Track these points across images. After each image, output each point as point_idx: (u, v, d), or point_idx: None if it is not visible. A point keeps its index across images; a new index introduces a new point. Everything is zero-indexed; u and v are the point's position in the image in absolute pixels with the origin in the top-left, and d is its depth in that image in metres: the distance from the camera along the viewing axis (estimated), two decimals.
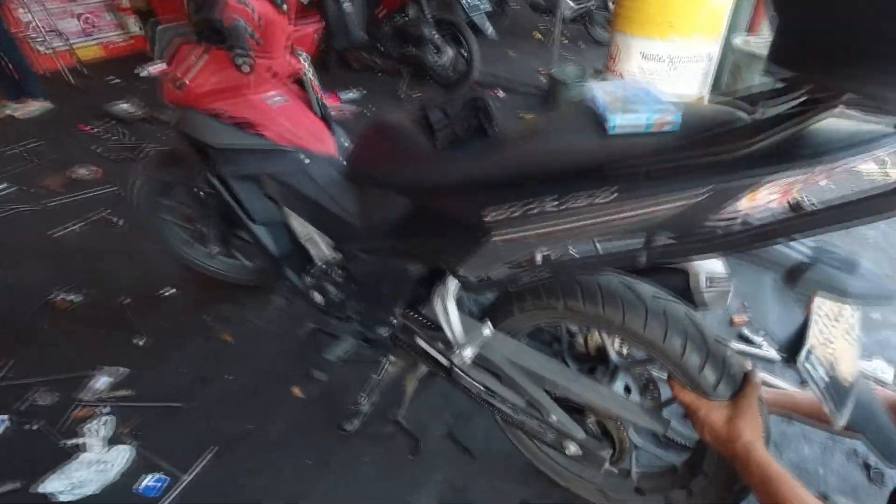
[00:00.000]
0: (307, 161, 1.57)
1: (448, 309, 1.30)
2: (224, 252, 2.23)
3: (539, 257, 1.17)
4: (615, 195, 0.90)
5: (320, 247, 1.70)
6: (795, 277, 0.92)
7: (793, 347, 0.95)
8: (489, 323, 1.24)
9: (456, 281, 1.30)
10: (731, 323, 2.30)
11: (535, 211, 0.98)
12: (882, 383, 2.03)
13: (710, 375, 1.11)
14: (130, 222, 2.94)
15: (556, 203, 0.95)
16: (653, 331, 1.13)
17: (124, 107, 4.01)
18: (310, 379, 2.05)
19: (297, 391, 2.01)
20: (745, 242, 0.88)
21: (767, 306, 0.97)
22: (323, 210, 1.53)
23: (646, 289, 1.18)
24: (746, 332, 2.24)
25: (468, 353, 1.30)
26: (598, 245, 1.21)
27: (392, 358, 1.69)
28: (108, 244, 2.81)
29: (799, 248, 0.91)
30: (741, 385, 1.11)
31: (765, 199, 0.87)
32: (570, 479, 1.61)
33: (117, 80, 4.91)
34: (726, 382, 1.11)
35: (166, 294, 2.46)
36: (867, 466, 1.73)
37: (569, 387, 1.25)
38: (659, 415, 1.22)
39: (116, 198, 3.18)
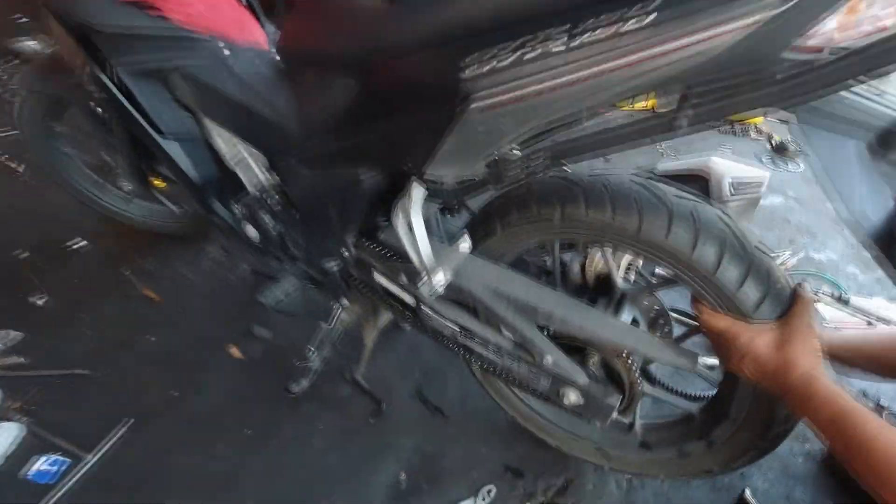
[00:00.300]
0: (227, 52, 1.21)
1: (413, 225, 1.00)
2: (142, 193, 1.84)
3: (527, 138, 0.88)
4: (654, 15, 0.61)
5: (252, 169, 1.36)
6: (892, 142, 0.67)
7: (886, 238, 0.70)
8: (467, 236, 0.95)
9: (421, 189, 1.00)
10: None
11: (534, 54, 0.68)
12: (886, 321, 1.87)
13: (751, 291, 0.86)
14: (34, 168, 2.48)
15: (566, 37, 0.66)
16: (678, 238, 0.87)
17: (31, 44, 3.44)
18: (250, 337, 1.73)
19: (234, 351, 1.69)
20: (833, 81, 0.62)
21: (850, 184, 0.71)
22: (250, 115, 1.18)
23: (665, 188, 0.91)
24: None
25: (440, 279, 1.00)
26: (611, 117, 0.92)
27: (345, 302, 1.39)
28: (7, 193, 2.36)
29: None
30: (790, 302, 0.86)
31: (872, 14, 0.59)
32: (561, 437, 1.36)
33: (24, 19, 4.27)
34: (772, 299, 0.86)
35: (75, 246, 2.06)
36: None
37: (569, 319, 0.99)
38: (683, 348, 0.96)
39: (19, 142, 2.69)
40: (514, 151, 0.88)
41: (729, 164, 1.02)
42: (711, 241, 0.86)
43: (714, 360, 1.34)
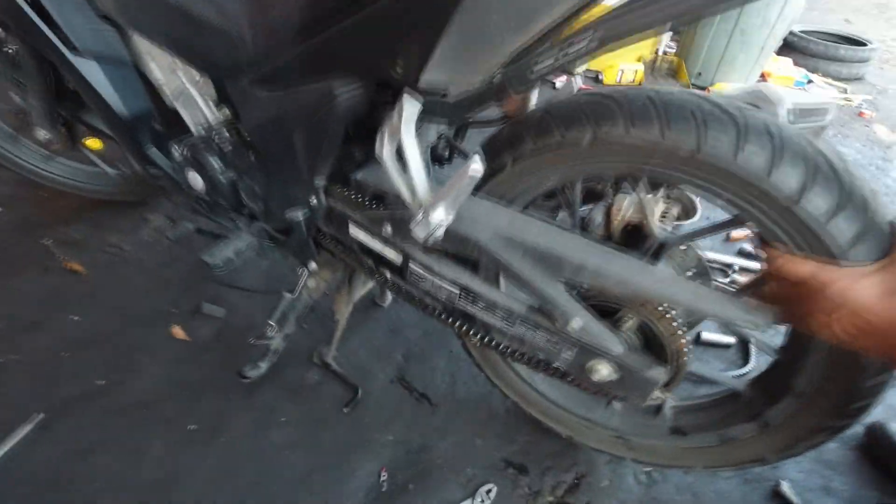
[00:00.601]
0: None
1: (405, 147, 0.77)
2: (64, 146, 1.54)
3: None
4: None
5: (196, 104, 1.09)
6: None
7: None
8: (478, 157, 0.72)
9: (415, 102, 0.77)
10: (728, 239, 1.94)
11: None
12: None
13: (845, 225, 0.67)
14: None
15: None
16: (751, 158, 0.67)
17: None
18: (199, 316, 1.45)
19: (178, 332, 1.41)
20: None
21: None
22: (189, 22, 0.92)
23: (725, 100, 0.72)
24: (750, 248, 1.89)
25: (440, 217, 0.77)
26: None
27: (313, 266, 1.14)
28: None
29: None
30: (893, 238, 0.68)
31: None
32: (573, 425, 1.15)
33: None
34: (871, 236, 0.67)
35: None
36: None
37: (605, 270, 0.77)
38: (752, 301, 0.76)
39: None
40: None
41: (786, 90, 0.83)
42: (794, 160, 0.66)
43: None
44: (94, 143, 1.84)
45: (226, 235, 1.15)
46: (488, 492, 1.12)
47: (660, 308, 0.81)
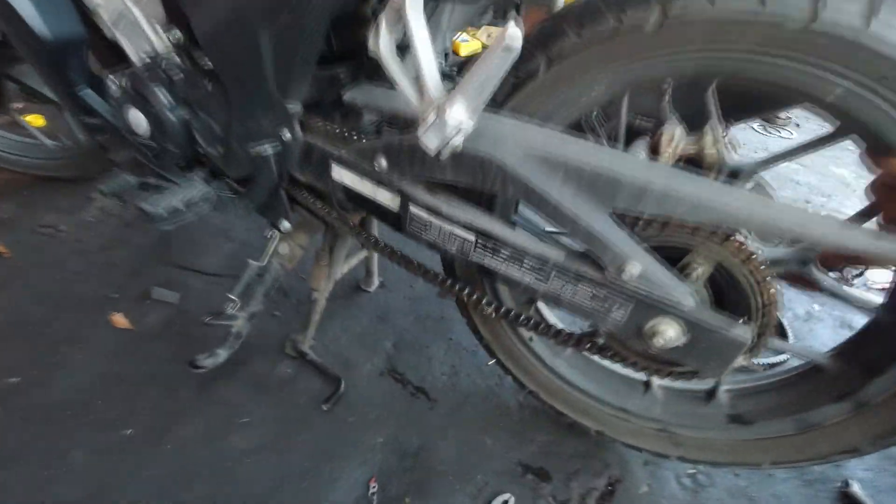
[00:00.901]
0: None
1: (412, 27, 0.57)
2: None
3: None
4: None
5: (140, 29, 0.87)
6: None
7: None
8: (514, 23, 0.53)
9: None
10: None
11: None
12: None
13: None
14: None
15: None
16: (890, 26, 0.50)
17: None
18: (148, 302, 1.21)
19: (119, 320, 1.16)
20: None
21: None
22: None
23: None
24: None
25: (459, 116, 0.57)
26: None
27: (285, 225, 0.92)
28: None
29: None
30: None
31: None
32: (604, 417, 0.95)
33: None
34: None
35: None
36: None
37: (677, 192, 0.58)
38: (873, 229, 0.58)
39: None
40: None
41: None
42: None
43: None
44: (38, 121, 1.60)
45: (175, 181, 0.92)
46: (504, 503, 0.90)
47: (743, 246, 0.62)
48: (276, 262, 0.96)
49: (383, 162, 0.73)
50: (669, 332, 0.64)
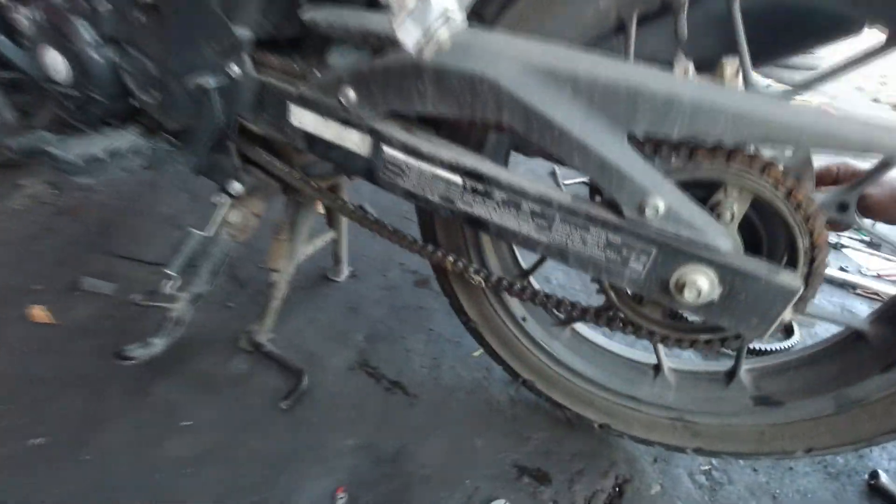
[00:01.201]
0: None
1: None
2: None
3: None
4: None
5: None
6: None
7: None
8: None
9: None
10: None
11: None
12: None
13: None
14: None
15: None
16: None
17: None
18: (76, 295, 1.04)
19: (38, 314, 0.99)
20: None
21: None
22: None
23: None
24: None
25: (442, 3, 0.45)
26: None
27: (235, 187, 0.77)
28: None
29: None
30: None
31: None
32: (610, 407, 0.83)
33: None
34: None
35: None
36: None
37: (712, 104, 0.47)
38: None
39: None
40: None
41: None
42: None
43: None
44: None
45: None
46: None
47: (788, 175, 0.51)
48: (225, 232, 0.81)
49: (351, 94, 0.61)
50: (702, 283, 0.52)
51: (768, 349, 1.12)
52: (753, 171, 0.51)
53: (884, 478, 0.88)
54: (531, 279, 0.82)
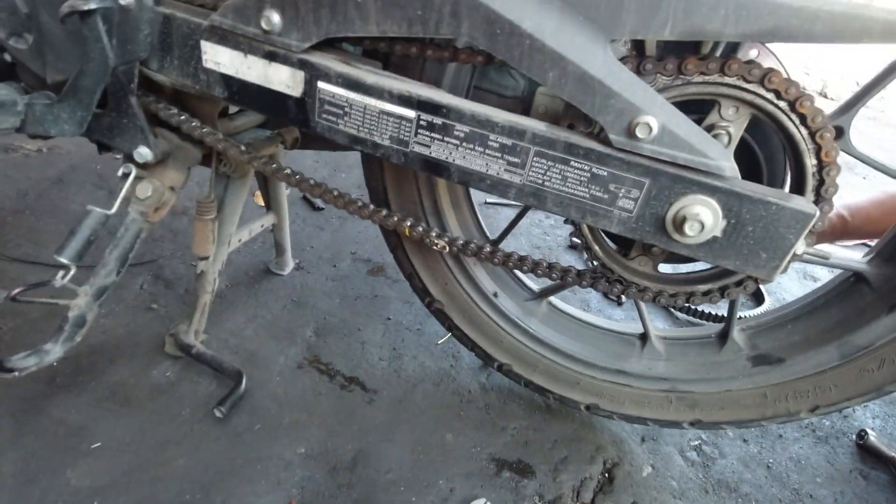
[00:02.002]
0: None
1: None
2: None
3: None
4: None
5: None
6: None
7: None
8: None
9: None
10: None
11: None
12: None
13: None
14: None
15: None
16: None
17: None
18: None
19: None
20: None
21: None
22: None
23: None
24: None
25: None
26: None
27: (143, 154, 0.64)
28: None
29: None
30: None
31: None
32: (597, 386, 0.74)
33: None
34: None
35: None
36: None
37: None
38: None
39: None
40: None
41: None
42: None
43: None
44: None
45: None
46: None
47: (792, 83, 0.44)
48: (134, 210, 0.68)
49: (275, 18, 0.50)
50: (704, 216, 0.45)
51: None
52: (752, 80, 0.45)
53: (872, 436, 0.84)
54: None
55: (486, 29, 0.44)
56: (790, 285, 1.27)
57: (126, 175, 0.67)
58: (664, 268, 0.61)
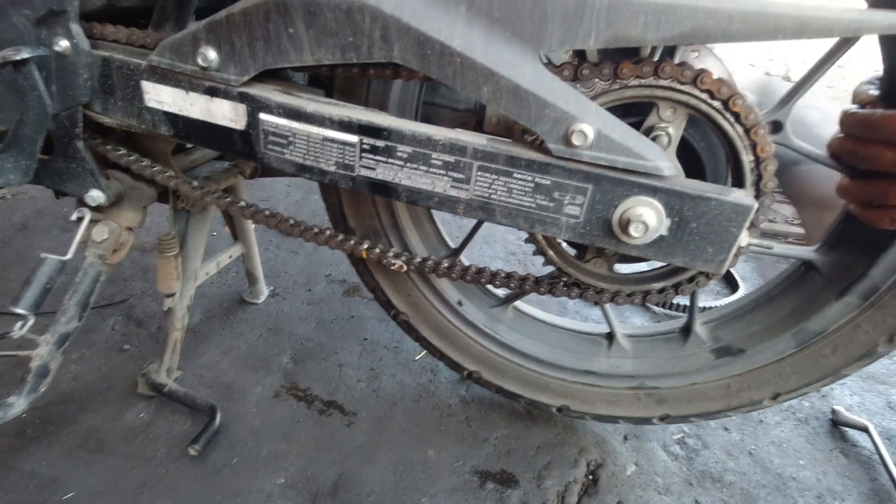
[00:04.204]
0: None
1: None
2: None
3: None
4: None
5: None
6: None
7: None
8: None
9: None
10: None
11: None
12: None
13: None
14: None
15: None
16: None
17: None
18: None
19: None
20: None
21: None
22: None
23: None
24: None
25: None
26: None
27: (95, 197, 0.63)
28: None
29: None
30: None
31: None
32: (567, 388, 0.74)
33: None
34: None
35: None
36: None
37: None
38: None
39: None
40: None
41: None
42: None
43: None
44: None
45: None
46: None
47: (725, 82, 0.45)
48: (92, 254, 0.67)
49: (211, 54, 0.50)
50: (648, 217, 0.45)
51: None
52: (685, 81, 0.45)
53: (842, 411, 0.85)
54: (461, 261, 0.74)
55: (417, 51, 0.44)
56: (766, 269, 1.29)
57: (80, 219, 0.66)
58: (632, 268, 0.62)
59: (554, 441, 0.78)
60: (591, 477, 0.74)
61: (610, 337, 0.75)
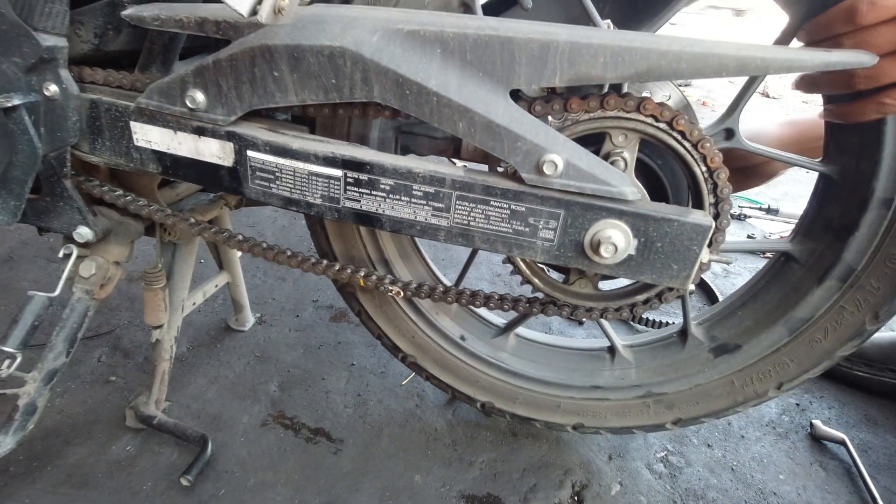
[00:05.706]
0: None
1: None
2: None
3: None
4: None
5: None
6: None
7: None
8: None
9: None
10: None
11: None
12: None
13: None
14: None
15: None
16: None
17: None
18: None
19: None
20: None
21: None
22: None
23: None
24: None
25: None
26: None
27: (83, 234, 0.64)
28: None
29: None
30: None
31: None
32: (578, 405, 0.76)
33: None
34: None
35: None
36: None
37: (587, 43, 0.43)
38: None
39: None
40: None
41: None
42: None
43: None
44: None
45: None
46: None
47: (665, 106, 0.49)
48: (79, 290, 0.68)
49: (199, 96, 0.52)
50: (616, 238, 0.48)
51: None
52: (630, 109, 0.49)
53: (819, 425, 0.88)
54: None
55: (395, 91, 0.47)
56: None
57: (67, 255, 0.68)
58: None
59: (539, 463, 0.79)
60: (576, 498, 0.75)
61: (612, 350, 0.77)
